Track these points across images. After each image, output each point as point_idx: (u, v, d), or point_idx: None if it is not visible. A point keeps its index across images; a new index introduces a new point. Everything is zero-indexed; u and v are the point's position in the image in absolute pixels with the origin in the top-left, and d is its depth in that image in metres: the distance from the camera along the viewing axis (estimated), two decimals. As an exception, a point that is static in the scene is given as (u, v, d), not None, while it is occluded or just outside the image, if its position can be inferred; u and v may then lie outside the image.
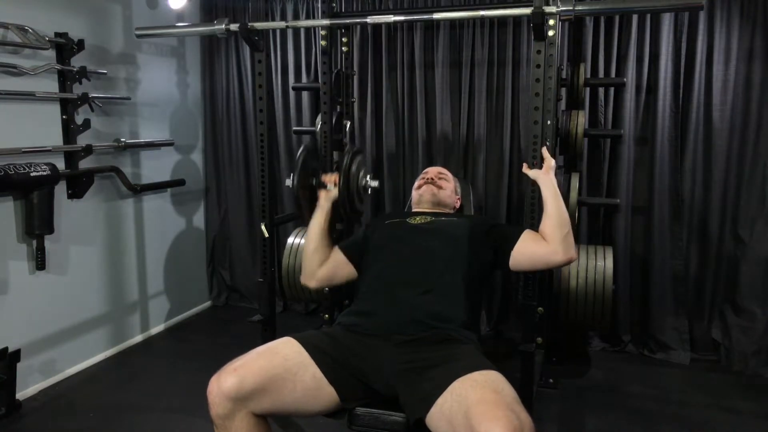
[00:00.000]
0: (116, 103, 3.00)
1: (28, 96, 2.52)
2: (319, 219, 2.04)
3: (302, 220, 2.10)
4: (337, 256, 2.03)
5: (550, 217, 1.84)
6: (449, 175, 2.30)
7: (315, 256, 2.00)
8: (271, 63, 3.44)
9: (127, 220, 3.15)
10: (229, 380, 1.46)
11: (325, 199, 2.08)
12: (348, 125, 2.98)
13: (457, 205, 2.31)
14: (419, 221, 1.99)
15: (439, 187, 2.17)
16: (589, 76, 2.94)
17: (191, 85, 3.60)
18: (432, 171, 2.27)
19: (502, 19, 3.05)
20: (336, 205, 2.12)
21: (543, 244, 1.82)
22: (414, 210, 2.22)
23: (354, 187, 2.06)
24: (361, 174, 2.12)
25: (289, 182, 2.15)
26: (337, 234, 2.99)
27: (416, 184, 2.25)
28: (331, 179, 2.09)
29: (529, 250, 1.84)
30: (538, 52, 2.04)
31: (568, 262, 1.84)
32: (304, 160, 2.10)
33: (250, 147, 3.65)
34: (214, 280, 3.89)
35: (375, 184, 2.12)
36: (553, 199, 1.87)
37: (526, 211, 2.14)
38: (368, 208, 3.38)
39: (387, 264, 1.86)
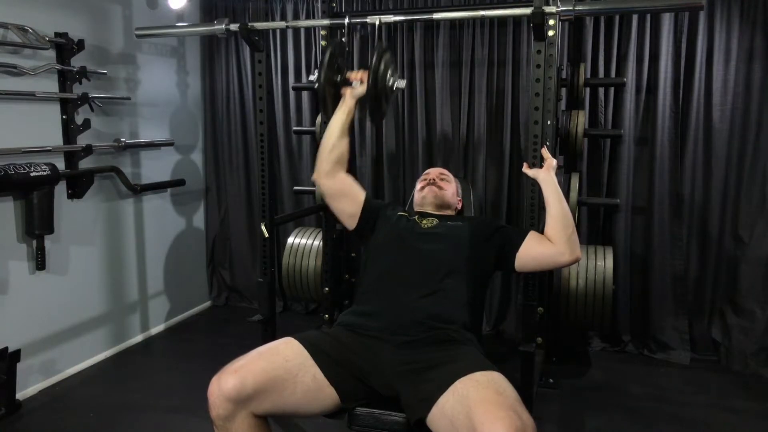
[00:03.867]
0: (116, 103, 3.00)
1: (28, 96, 2.52)
2: (341, 116, 2.01)
3: (326, 116, 2.05)
4: (358, 192, 2.02)
5: (554, 218, 1.84)
6: (450, 175, 2.30)
7: (333, 153, 1.98)
8: (271, 63, 3.44)
9: (127, 220, 3.15)
10: (229, 381, 1.45)
11: (350, 96, 2.03)
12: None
13: (459, 205, 2.31)
14: (426, 224, 1.98)
15: (441, 189, 2.17)
16: (589, 76, 2.94)
17: (191, 85, 3.60)
18: (433, 172, 2.27)
19: (502, 19, 3.05)
20: (360, 102, 2.06)
21: (549, 245, 1.83)
22: (418, 210, 2.21)
23: (381, 86, 2.03)
24: (389, 74, 2.08)
25: (313, 78, 2.09)
26: (336, 234, 2.99)
27: (418, 185, 2.25)
28: (357, 76, 2.04)
29: (536, 252, 1.84)
30: (538, 52, 2.04)
31: (575, 262, 1.85)
32: (331, 56, 2.05)
33: (250, 147, 3.65)
34: (214, 280, 3.89)
35: (402, 84, 2.07)
36: (555, 199, 1.88)
37: (526, 211, 2.14)
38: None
39: (389, 264, 1.86)
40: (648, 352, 3.06)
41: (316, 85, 2.06)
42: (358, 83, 2.03)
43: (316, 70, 2.06)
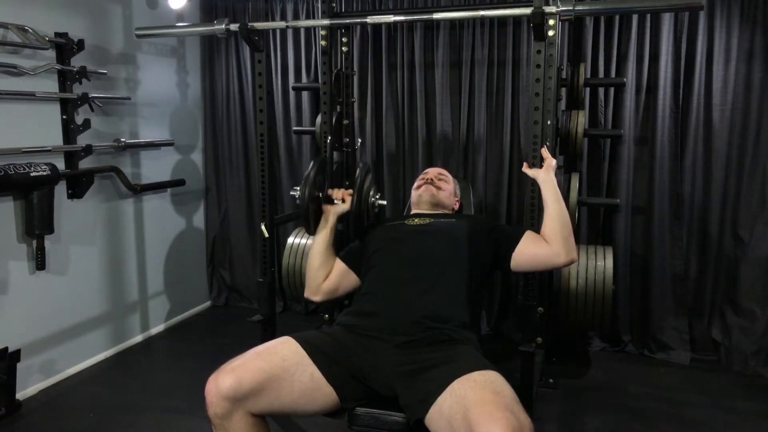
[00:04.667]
0: (116, 103, 3.00)
1: (28, 96, 2.52)
2: (324, 235, 2.03)
3: (308, 232, 2.10)
4: (339, 266, 2.02)
5: (551, 219, 1.84)
6: (449, 176, 2.30)
7: (320, 272, 2.00)
8: (271, 63, 3.44)
9: (127, 220, 3.15)
10: (226, 380, 1.46)
11: (333, 214, 2.06)
12: (347, 124, 2.98)
13: (456, 206, 2.31)
14: (418, 222, 2.00)
15: (438, 188, 2.17)
16: (589, 76, 2.94)
17: (191, 85, 3.60)
18: (432, 172, 2.28)
19: (502, 19, 3.05)
20: (341, 219, 2.11)
21: (545, 245, 1.83)
22: (413, 212, 2.22)
23: (365, 205, 2.09)
24: (372, 192, 2.14)
25: (294, 194, 2.14)
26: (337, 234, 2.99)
27: (416, 184, 2.26)
28: (339, 195, 2.08)
29: (531, 252, 1.84)
30: (538, 52, 2.03)
31: (570, 264, 1.85)
32: (315, 174, 2.08)
33: (250, 147, 3.65)
34: (214, 280, 3.89)
35: (383, 202, 2.15)
36: (553, 200, 1.88)
37: (526, 211, 2.14)
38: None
39: (387, 265, 1.87)
40: (648, 352, 3.06)
41: (298, 201, 2.09)
42: (339, 201, 2.07)
43: (297, 188, 2.09)
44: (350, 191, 2.09)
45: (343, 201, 2.07)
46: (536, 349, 2.15)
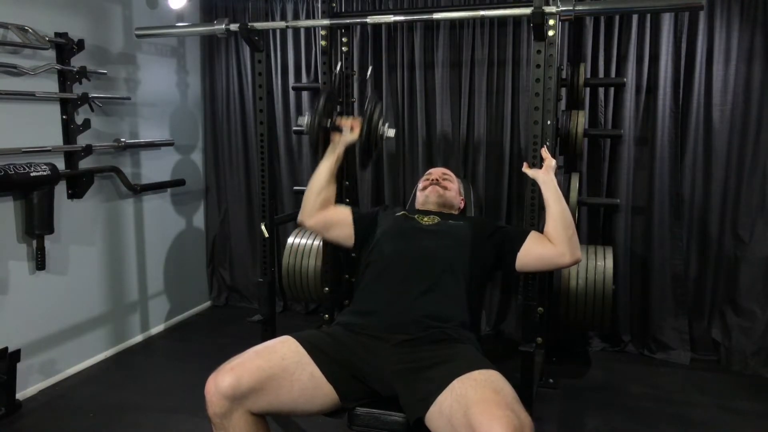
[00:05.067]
0: (116, 103, 3.00)
1: (28, 96, 2.52)
2: (329, 162, 2.04)
3: (316, 160, 2.09)
4: (345, 213, 2.03)
5: (554, 219, 1.84)
6: (453, 175, 2.30)
7: (319, 197, 2.01)
8: (271, 63, 3.44)
9: (127, 220, 3.15)
10: (226, 379, 1.46)
11: (340, 143, 2.06)
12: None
13: (462, 205, 2.31)
14: (427, 222, 1.99)
15: (445, 188, 2.17)
16: (589, 76, 2.94)
17: (191, 85, 3.60)
18: (436, 172, 2.27)
19: (502, 19, 3.05)
20: (347, 150, 2.11)
21: (549, 246, 1.83)
22: (419, 209, 2.21)
23: (374, 135, 2.07)
24: (380, 123, 2.11)
25: (302, 121, 2.13)
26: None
27: (420, 185, 2.25)
28: (348, 123, 2.07)
29: (536, 252, 1.84)
30: (538, 52, 2.04)
31: (575, 263, 1.85)
32: (325, 102, 2.07)
33: (250, 147, 3.65)
34: (214, 280, 3.89)
35: (392, 133, 2.12)
36: (555, 200, 1.88)
37: (526, 211, 2.14)
38: (368, 199, 3.40)
39: (388, 263, 1.86)
40: (648, 352, 3.06)
41: (306, 129, 2.09)
42: (348, 130, 2.06)
43: (307, 114, 2.10)
44: (359, 120, 2.08)
45: (352, 130, 2.06)
46: (536, 349, 2.15)
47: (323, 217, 2.02)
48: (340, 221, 2.02)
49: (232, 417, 1.47)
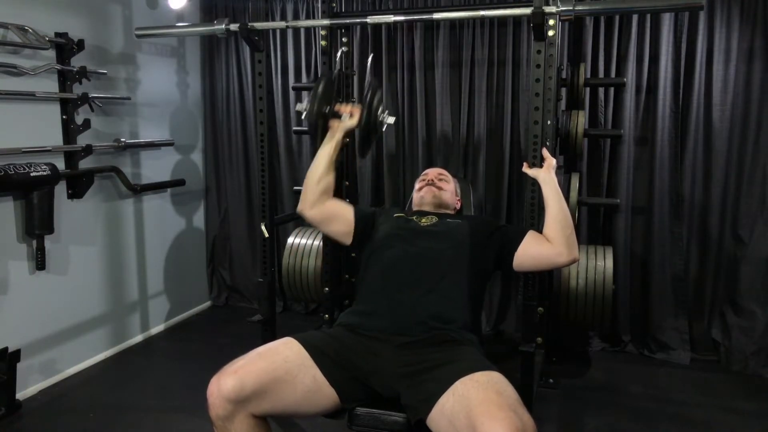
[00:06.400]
0: (116, 103, 3.00)
1: (28, 96, 2.52)
2: (329, 149, 2.02)
3: (315, 146, 2.07)
4: (346, 210, 2.01)
5: (553, 218, 1.84)
6: (449, 176, 2.30)
7: (318, 185, 1.99)
8: (271, 63, 3.44)
9: (127, 220, 3.15)
10: (229, 382, 1.45)
11: (340, 129, 2.05)
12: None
13: (458, 205, 2.31)
14: (425, 222, 1.98)
15: (440, 189, 2.17)
16: (589, 76, 2.94)
17: (191, 85, 3.60)
18: (432, 173, 2.27)
19: (502, 19, 3.05)
20: (347, 136, 2.10)
21: (547, 245, 1.83)
22: (416, 210, 2.21)
23: (373, 121, 2.06)
24: (380, 110, 2.10)
25: (300, 107, 2.11)
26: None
27: (416, 186, 2.25)
28: (347, 109, 2.06)
29: (534, 251, 1.84)
30: (538, 52, 2.04)
31: (572, 263, 1.85)
32: (324, 88, 2.06)
33: (250, 147, 3.65)
34: (214, 280, 3.89)
35: (391, 121, 2.11)
36: (555, 199, 1.88)
37: (526, 211, 2.14)
38: (368, 199, 3.40)
39: (389, 264, 1.86)
40: (648, 352, 3.06)
41: (305, 114, 2.07)
42: (347, 116, 2.05)
43: (306, 100, 2.08)
44: (359, 106, 2.07)
45: (351, 116, 2.05)
46: (536, 349, 2.15)
47: (325, 209, 2.00)
48: (341, 216, 2.00)
49: (235, 420, 1.47)
